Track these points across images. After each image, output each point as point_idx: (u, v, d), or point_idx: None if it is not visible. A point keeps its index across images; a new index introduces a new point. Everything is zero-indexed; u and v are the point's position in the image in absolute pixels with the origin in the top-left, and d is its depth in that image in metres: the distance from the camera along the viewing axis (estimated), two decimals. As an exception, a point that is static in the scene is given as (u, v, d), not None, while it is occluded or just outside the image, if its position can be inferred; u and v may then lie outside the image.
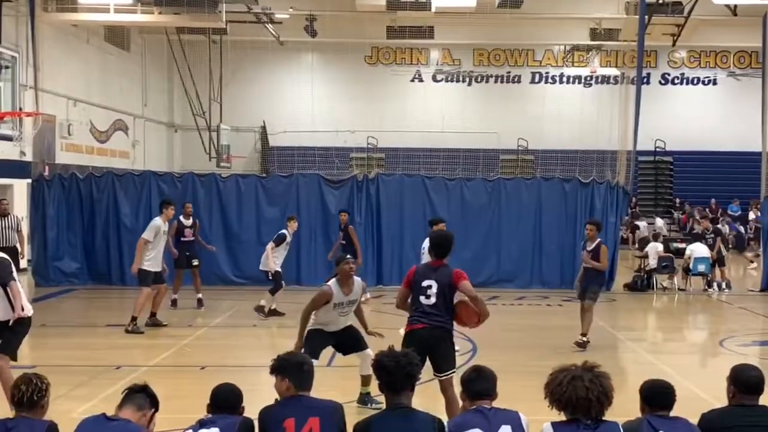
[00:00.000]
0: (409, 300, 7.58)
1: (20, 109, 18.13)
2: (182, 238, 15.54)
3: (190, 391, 10.01)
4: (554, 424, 4.55)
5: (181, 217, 15.64)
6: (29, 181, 20.27)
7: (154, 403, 4.95)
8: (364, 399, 8.83)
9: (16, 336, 7.99)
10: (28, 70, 20.37)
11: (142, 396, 4.89)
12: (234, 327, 14.36)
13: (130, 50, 29.58)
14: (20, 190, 20.82)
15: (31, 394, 4.77)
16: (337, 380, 9.47)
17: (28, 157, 21.65)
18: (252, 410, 5.02)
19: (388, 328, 13.85)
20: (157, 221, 13.61)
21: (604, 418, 4.56)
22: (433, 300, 7.31)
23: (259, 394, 9.56)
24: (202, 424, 4.75)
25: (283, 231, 15.55)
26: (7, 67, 17.68)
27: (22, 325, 7.95)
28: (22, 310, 7.77)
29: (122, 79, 28.68)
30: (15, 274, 7.94)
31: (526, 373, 10.77)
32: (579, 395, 4.50)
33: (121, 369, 10.43)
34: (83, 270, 19.10)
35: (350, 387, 8.72)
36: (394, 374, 4.73)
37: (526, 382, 10.01)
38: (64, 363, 10.89)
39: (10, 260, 8.01)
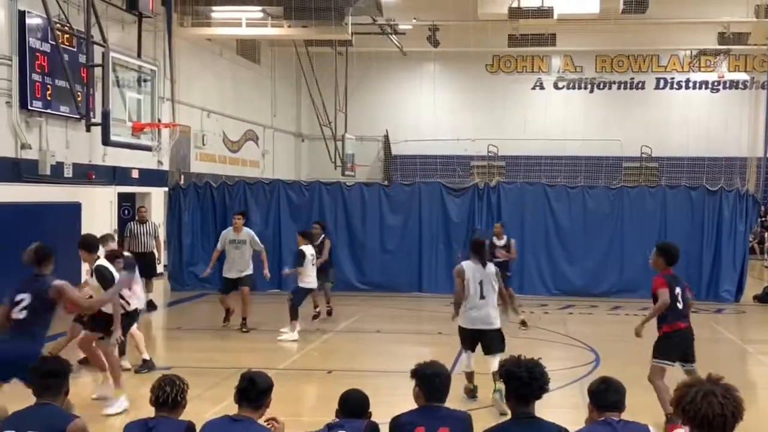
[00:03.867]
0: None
1: (158, 120, 19.08)
2: None
3: (317, 394, 10.49)
4: None
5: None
6: (166, 189, 21.28)
7: (265, 397, 5.03)
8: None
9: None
10: (165, 83, 21.40)
11: (257, 395, 4.98)
12: (358, 332, 14.80)
13: (260, 63, 30.66)
14: (157, 197, 21.86)
15: (175, 395, 4.95)
16: (461, 389, 9.66)
17: (165, 167, 22.78)
18: (376, 414, 5.22)
19: (509, 335, 14.05)
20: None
21: None
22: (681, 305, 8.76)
23: (383, 398, 9.96)
24: (330, 427, 4.89)
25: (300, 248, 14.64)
26: (146, 81, 18.62)
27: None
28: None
29: (253, 91, 29.75)
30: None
31: (650, 386, 10.79)
32: (715, 412, 4.27)
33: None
34: (216, 275, 19.81)
35: (479, 395, 8.91)
36: (528, 386, 4.72)
37: (651, 394, 10.06)
38: (197, 365, 11.40)
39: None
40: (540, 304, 17.80)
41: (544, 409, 4.94)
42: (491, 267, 9.85)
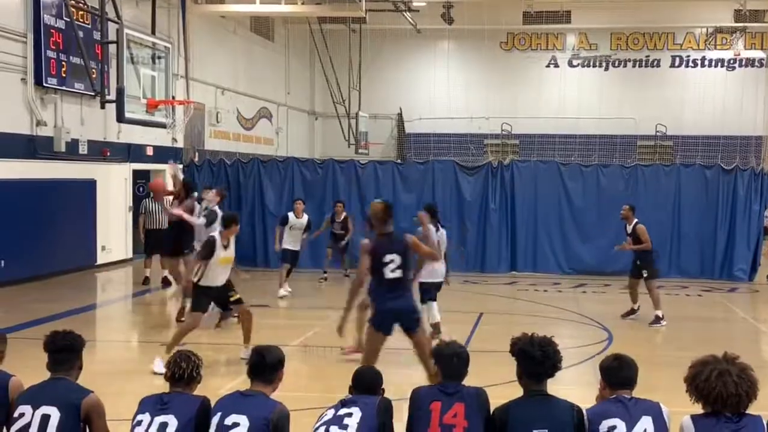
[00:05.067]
0: None
1: (173, 97, 19.13)
2: None
3: (333, 371, 10.53)
4: (694, 418, 4.43)
5: None
6: (180, 166, 21.36)
7: (276, 372, 5.03)
8: None
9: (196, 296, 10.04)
10: (180, 60, 21.45)
11: (267, 370, 4.98)
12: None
13: (274, 40, 30.62)
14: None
15: (190, 371, 4.95)
16: (475, 366, 9.67)
17: (180, 144, 22.85)
18: (390, 390, 5.26)
19: (522, 314, 14.12)
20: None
21: (749, 413, 4.40)
22: None
23: (398, 376, 10.02)
24: (343, 404, 4.90)
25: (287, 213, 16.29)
26: (160, 58, 18.65)
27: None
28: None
29: (266, 69, 29.73)
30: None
31: (662, 363, 10.79)
32: (729, 391, 4.33)
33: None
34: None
35: (489, 372, 8.93)
36: (541, 364, 4.76)
37: (662, 372, 10.08)
38: (211, 341, 11.44)
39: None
40: (553, 283, 17.83)
41: (557, 386, 4.98)
42: (443, 231, 11.75)
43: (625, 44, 34.63)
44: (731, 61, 34.08)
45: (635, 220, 13.62)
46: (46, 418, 4.74)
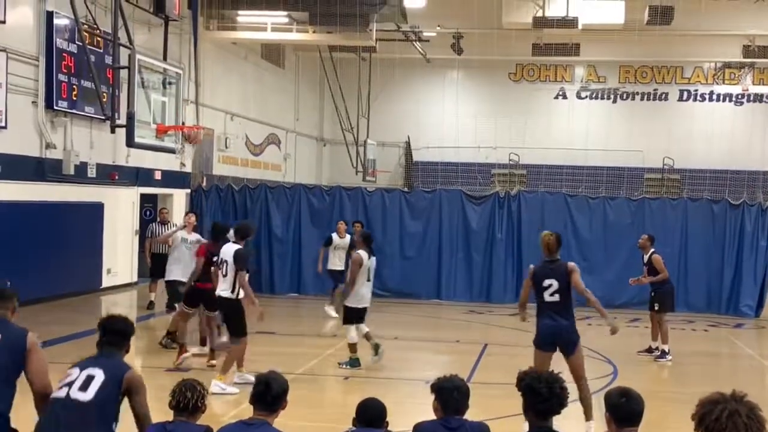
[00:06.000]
0: None
1: (182, 123, 19.23)
2: None
3: (333, 401, 10.50)
4: None
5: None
6: (188, 191, 21.43)
7: (281, 401, 4.96)
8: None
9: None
10: (190, 86, 21.59)
11: (271, 398, 4.90)
12: (376, 338, 14.68)
13: (284, 67, 30.79)
14: (179, 199, 22.00)
15: (195, 401, 4.94)
16: (479, 398, 9.64)
17: (188, 169, 22.92)
18: (395, 423, 5.25)
19: (526, 345, 14.02)
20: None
21: None
22: None
23: (402, 407, 9.95)
24: None
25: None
26: (171, 83, 18.80)
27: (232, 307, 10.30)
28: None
29: (276, 95, 29.89)
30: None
31: (667, 399, 10.73)
32: None
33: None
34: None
35: (493, 405, 8.90)
36: (548, 401, 4.71)
37: (669, 408, 10.03)
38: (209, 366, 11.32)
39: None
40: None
41: (562, 420, 4.93)
42: (373, 258, 12.00)
43: (634, 77, 34.73)
44: (739, 96, 34.12)
45: (652, 250, 13.49)
46: (90, 378, 5.03)
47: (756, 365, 13.99)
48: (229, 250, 10.44)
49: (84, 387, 5.00)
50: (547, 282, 8.42)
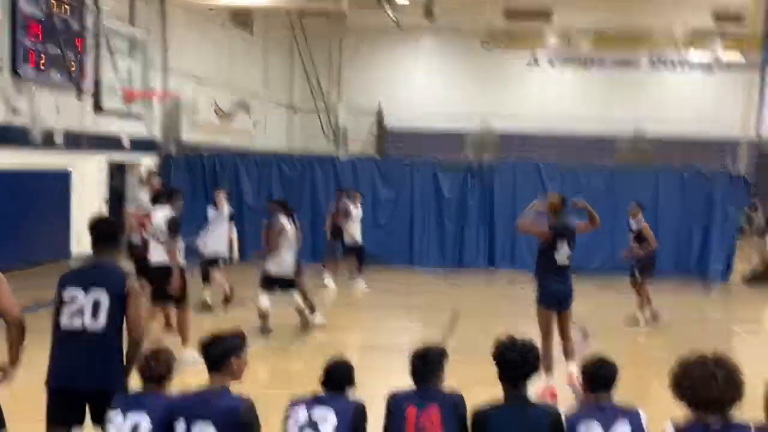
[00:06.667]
0: None
1: (150, 88, 18.97)
2: None
3: (307, 368, 10.45)
4: (676, 426, 4.22)
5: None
6: (157, 157, 21.18)
7: (227, 359, 4.73)
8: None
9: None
10: (158, 51, 21.26)
11: (218, 359, 4.71)
12: (349, 306, 14.71)
13: (253, 33, 30.37)
14: (148, 166, 21.61)
15: (160, 371, 4.85)
16: (451, 364, 9.61)
17: (156, 135, 22.62)
18: (370, 391, 5.25)
19: (500, 312, 14.08)
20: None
21: (734, 422, 4.16)
22: None
23: (377, 373, 9.92)
24: (317, 400, 4.84)
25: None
26: (138, 48, 18.53)
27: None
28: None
29: (245, 61, 29.47)
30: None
31: (639, 364, 10.83)
32: (713, 396, 4.13)
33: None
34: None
35: (465, 372, 8.84)
36: (520, 368, 4.72)
37: (639, 372, 10.11)
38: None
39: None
40: (531, 279, 17.76)
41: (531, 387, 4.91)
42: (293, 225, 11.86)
43: (606, 45, 34.71)
44: (710, 65, 34.27)
45: (642, 220, 13.44)
46: (97, 304, 5.18)
47: (723, 329, 14.13)
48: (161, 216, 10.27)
49: (94, 314, 5.17)
50: (560, 245, 8.80)
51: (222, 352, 4.74)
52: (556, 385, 8.77)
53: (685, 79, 34.15)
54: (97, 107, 16.45)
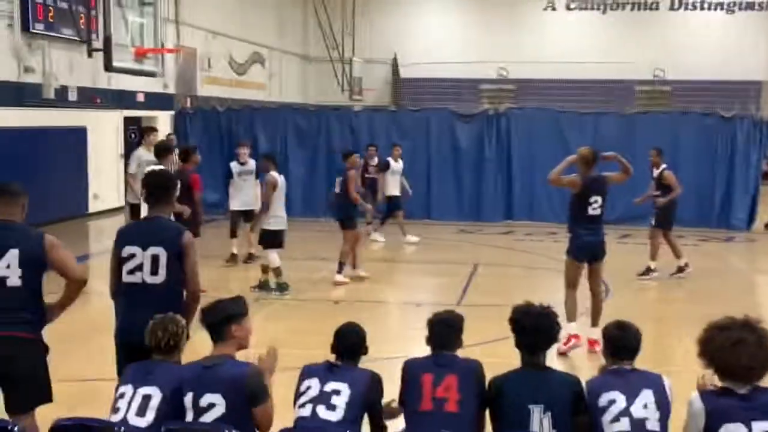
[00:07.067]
0: None
1: (162, 44, 18.74)
2: None
3: (321, 326, 10.40)
4: (703, 395, 4.12)
5: None
6: (172, 113, 21.08)
7: (226, 326, 4.72)
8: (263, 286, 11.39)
9: None
10: (170, 4, 21.00)
11: (219, 327, 4.70)
12: (365, 261, 14.40)
13: (266, -18, 29.97)
14: (164, 122, 21.56)
15: (167, 341, 4.75)
16: (470, 321, 9.53)
17: (171, 90, 22.48)
18: (385, 348, 5.15)
19: (518, 265, 13.96)
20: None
21: (762, 386, 4.08)
22: None
23: (392, 331, 9.84)
24: (330, 369, 4.71)
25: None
26: (149, 3, 18.25)
27: None
28: None
29: (258, 12, 29.06)
30: None
31: (661, 318, 10.72)
32: (742, 363, 3.99)
33: (258, 301, 10.62)
34: (224, 200, 19.62)
35: (484, 328, 8.76)
36: (534, 336, 4.62)
37: (658, 326, 10.00)
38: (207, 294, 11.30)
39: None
40: (549, 232, 17.64)
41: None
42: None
43: (624, -15, 34.02)
44: (731, 4, 33.50)
45: (663, 165, 13.09)
46: (156, 258, 5.26)
47: (747, 280, 13.98)
48: None
49: (154, 271, 5.26)
50: (593, 198, 8.72)
51: (220, 320, 4.69)
52: (581, 335, 8.70)
53: (706, 20, 33.41)
54: (108, 64, 16.25)
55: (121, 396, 4.56)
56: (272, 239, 11.43)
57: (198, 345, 5.14)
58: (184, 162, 11.45)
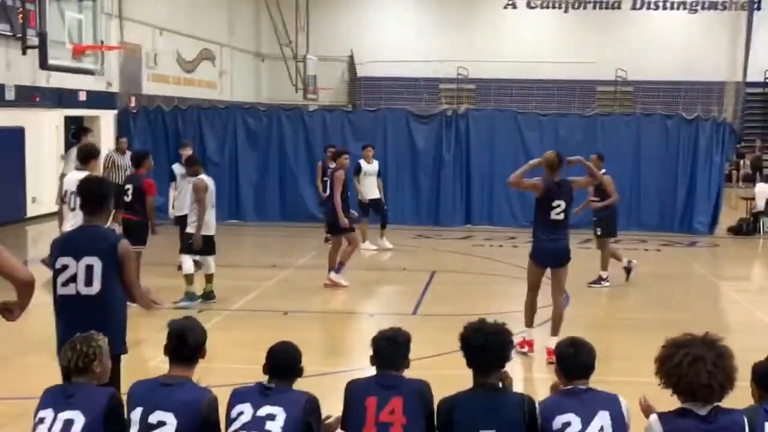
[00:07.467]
0: None
1: (101, 42, 17.86)
2: None
3: (270, 338, 9.71)
4: (662, 417, 3.96)
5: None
6: (116, 112, 20.26)
7: (198, 352, 4.59)
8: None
9: None
10: (112, -1, 20.17)
11: (189, 352, 4.54)
12: (317, 268, 13.75)
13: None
14: (107, 121, 20.78)
15: (76, 361, 4.42)
16: (426, 331, 8.96)
17: (115, 88, 21.61)
18: (335, 359, 4.85)
19: (477, 272, 13.40)
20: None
21: (722, 406, 3.95)
22: None
23: (343, 340, 9.26)
24: (263, 393, 4.40)
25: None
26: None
27: None
28: None
29: (208, 7, 28.22)
30: None
31: (620, 327, 10.27)
32: (701, 382, 3.87)
33: (203, 312, 9.95)
34: (168, 204, 18.94)
35: (440, 338, 8.14)
36: (484, 356, 4.35)
37: (621, 335, 9.56)
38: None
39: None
40: (509, 237, 17.15)
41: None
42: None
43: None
44: (694, 3, 33.39)
45: (603, 170, 12.57)
46: (90, 268, 5.08)
47: (709, 285, 13.58)
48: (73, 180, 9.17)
49: (88, 281, 5.08)
50: (556, 203, 8.56)
51: (197, 345, 4.57)
52: (535, 340, 8.68)
53: (669, 20, 33.31)
54: (44, 62, 15.35)
55: (41, 421, 4.24)
56: (207, 245, 10.87)
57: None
58: (136, 168, 11.24)
